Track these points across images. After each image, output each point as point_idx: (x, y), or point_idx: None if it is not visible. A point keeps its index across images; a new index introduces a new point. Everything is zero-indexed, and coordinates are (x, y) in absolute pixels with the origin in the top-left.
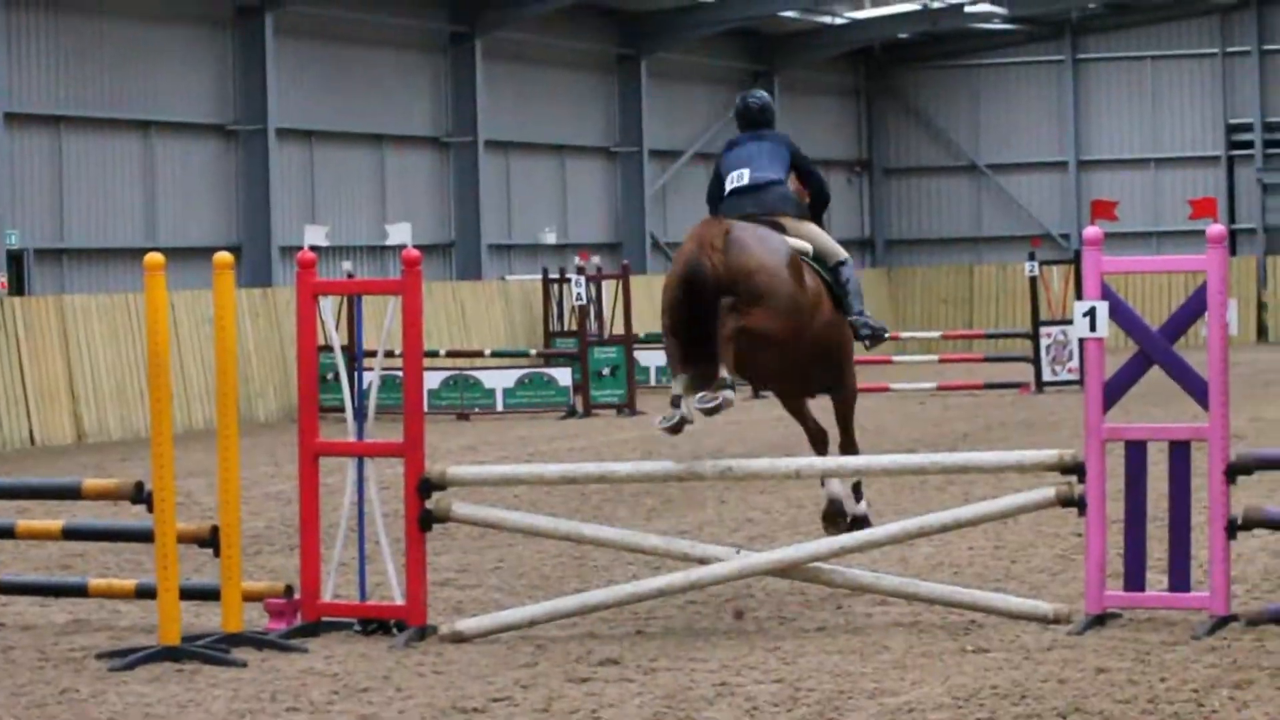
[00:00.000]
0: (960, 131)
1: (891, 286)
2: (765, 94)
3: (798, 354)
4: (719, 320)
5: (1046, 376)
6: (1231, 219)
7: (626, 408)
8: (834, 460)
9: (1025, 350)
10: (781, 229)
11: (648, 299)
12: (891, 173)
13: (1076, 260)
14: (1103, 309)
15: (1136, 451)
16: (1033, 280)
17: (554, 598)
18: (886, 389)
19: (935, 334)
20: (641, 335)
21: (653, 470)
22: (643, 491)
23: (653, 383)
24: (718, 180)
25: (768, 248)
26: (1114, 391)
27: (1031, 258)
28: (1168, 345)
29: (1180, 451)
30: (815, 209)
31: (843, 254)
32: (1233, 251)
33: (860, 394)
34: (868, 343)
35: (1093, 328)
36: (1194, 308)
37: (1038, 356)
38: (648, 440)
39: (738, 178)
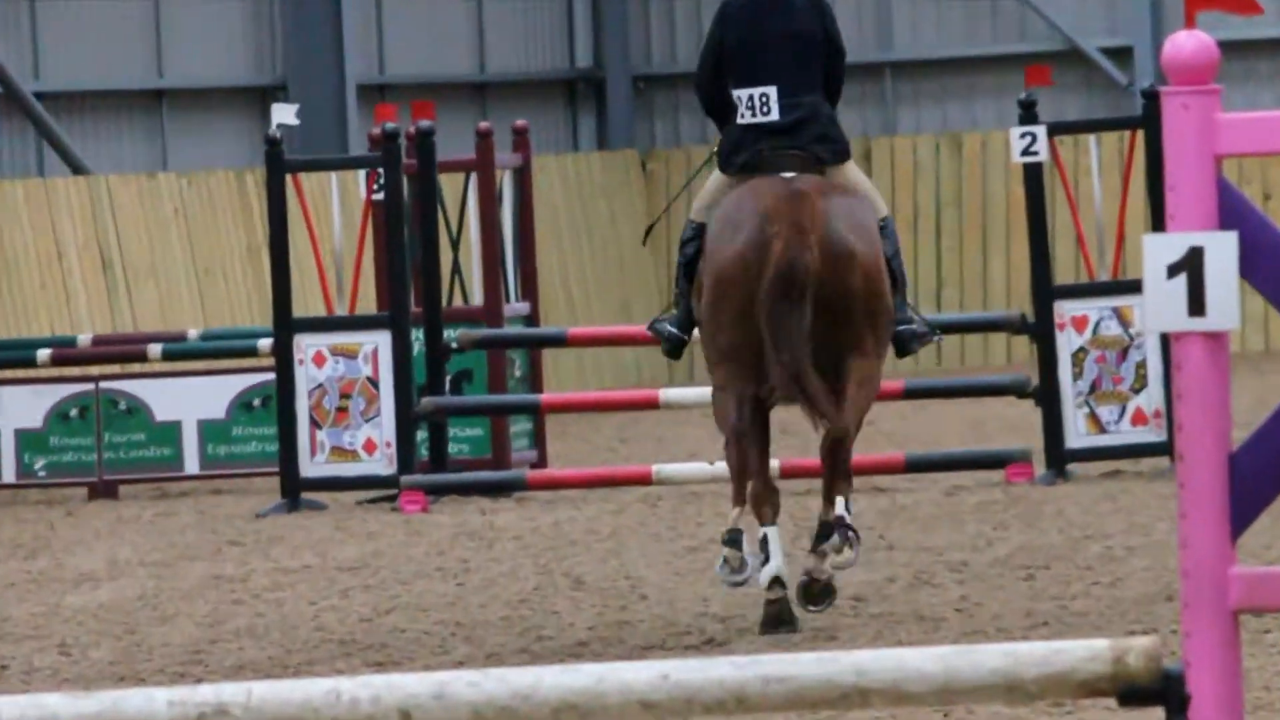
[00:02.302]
0: None
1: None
2: None
3: None
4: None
5: (1076, 437)
6: None
7: None
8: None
9: (1018, 365)
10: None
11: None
12: None
13: (1147, 120)
14: (1223, 250)
15: None
16: (1031, 172)
17: None
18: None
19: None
20: None
21: None
22: None
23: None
24: (716, 66)
25: (867, 235)
26: (1260, 480)
27: (1029, 113)
28: None
29: None
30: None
31: (884, 209)
32: None
33: (616, 487)
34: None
35: (1198, 306)
36: None
37: (1051, 383)
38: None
39: (761, 102)
